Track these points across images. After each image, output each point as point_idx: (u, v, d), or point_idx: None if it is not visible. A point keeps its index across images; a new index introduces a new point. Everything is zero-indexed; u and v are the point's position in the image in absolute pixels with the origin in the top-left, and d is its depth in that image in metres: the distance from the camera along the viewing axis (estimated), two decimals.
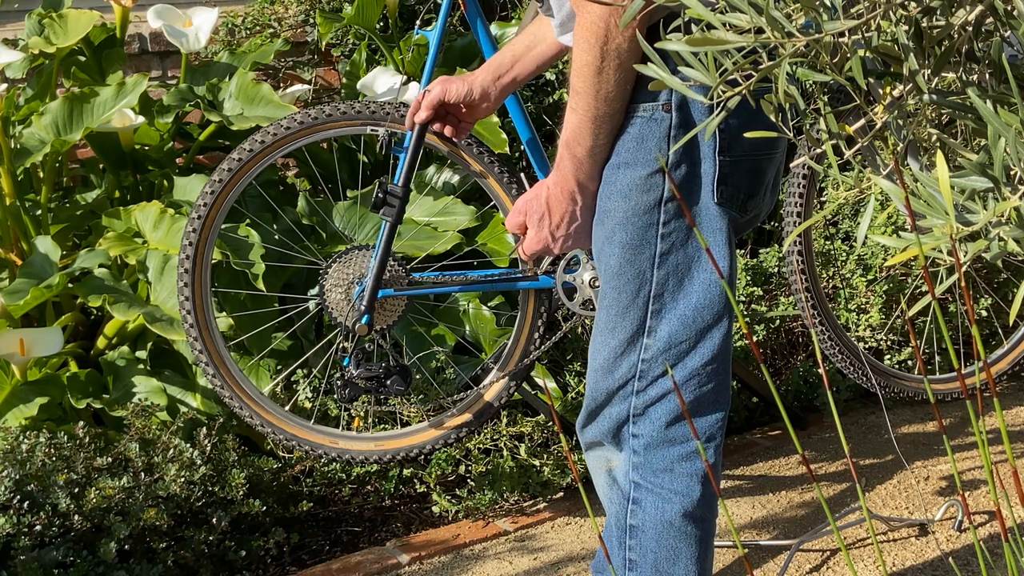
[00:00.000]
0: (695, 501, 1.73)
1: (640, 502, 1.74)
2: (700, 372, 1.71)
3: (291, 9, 3.85)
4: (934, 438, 3.13)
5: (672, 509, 1.73)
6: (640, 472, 1.74)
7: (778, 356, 3.44)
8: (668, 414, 1.72)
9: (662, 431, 1.72)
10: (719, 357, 1.72)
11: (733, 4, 0.98)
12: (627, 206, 1.66)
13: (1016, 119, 0.94)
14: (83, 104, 3.05)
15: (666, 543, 1.74)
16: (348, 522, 2.83)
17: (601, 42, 1.56)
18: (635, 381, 1.72)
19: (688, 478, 1.73)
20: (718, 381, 1.73)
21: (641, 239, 1.67)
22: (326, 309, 2.62)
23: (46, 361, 2.89)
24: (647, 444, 1.73)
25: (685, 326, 1.69)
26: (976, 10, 1.01)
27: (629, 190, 1.66)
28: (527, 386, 2.85)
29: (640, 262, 1.68)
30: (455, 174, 3.30)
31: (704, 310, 1.69)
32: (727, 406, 1.77)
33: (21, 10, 3.53)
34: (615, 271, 1.69)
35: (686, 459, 1.72)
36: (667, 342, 1.69)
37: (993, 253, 0.98)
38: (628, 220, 1.67)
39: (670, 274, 1.68)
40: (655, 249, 1.67)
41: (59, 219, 3.12)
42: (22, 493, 2.39)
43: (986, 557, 1.04)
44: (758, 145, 1.67)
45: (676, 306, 1.68)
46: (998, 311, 3.34)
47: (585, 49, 1.57)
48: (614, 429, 1.75)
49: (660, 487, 1.73)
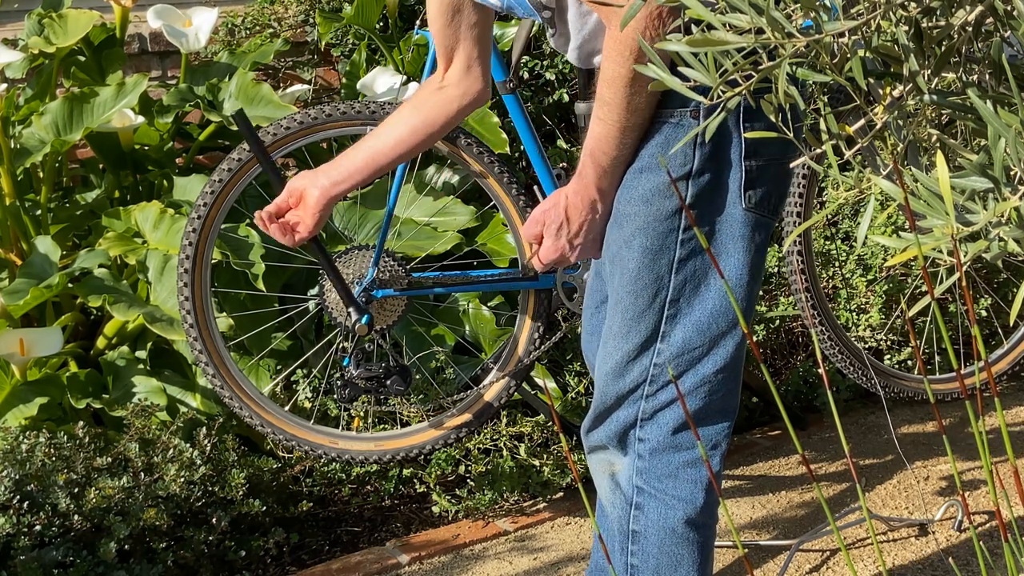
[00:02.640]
0: (698, 508, 1.72)
1: (643, 507, 1.74)
2: (712, 379, 1.70)
3: (291, 9, 3.84)
4: (934, 438, 3.13)
5: (675, 516, 1.72)
6: (644, 477, 1.73)
7: (778, 356, 3.44)
8: (676, 420, 1.71)
9: (669, 436, 1.71)
10: (731, 365, 1.71)
11: (733, 4, 0.98)
12: (648, 211, 1.65)
13: (1016, 119, 0.94)
14: (83, 104, 3.04)
15: (668, 549, 1.73)
16: (348, 522, 2.83)
17: (635, 55, 1.55)
18: (646, 385, 1.71)
19: (692, 484, 1.72)
20: (727, 389, 1.72)
21: (661, 244, 1.66)
22: (326, 309, 2.63)
23: (46, 361, 2.89)
24: (653, 449, 1.72)
25: (700, 332, 1.68)
26: (976, 10, 1.01)
27: (652, 195, 1.65)
28: (527, 386, 2.85)
29: (659, 267, 1.67)
30: (455, 174, 3.30)
31: (720, 317, 1.68)
32: (734, 414, 1.76)
33: (21, 10, 3.52)
34: (633, 275, 1.68)
35: (691, 465, 1.72)
36: (681, 347, 1.68)
37: (993, 253, 0.98)
38: (649, 225, 1.66)
39: (687, 280, 1.67)
40: (674, 255, 1.66)
41: (59, 219, 3.12)
42: (22, 493, 2.39)
43: (986, 557, 1.04)
44: (787, 147, 1.66)
45: (692, 312, 1.67)
46: (998, 311, 3.34)
47: (618, 62, 1.57)
48: (620, 433, 1.75)
49: (664, 493, 1.72)
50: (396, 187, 2.63)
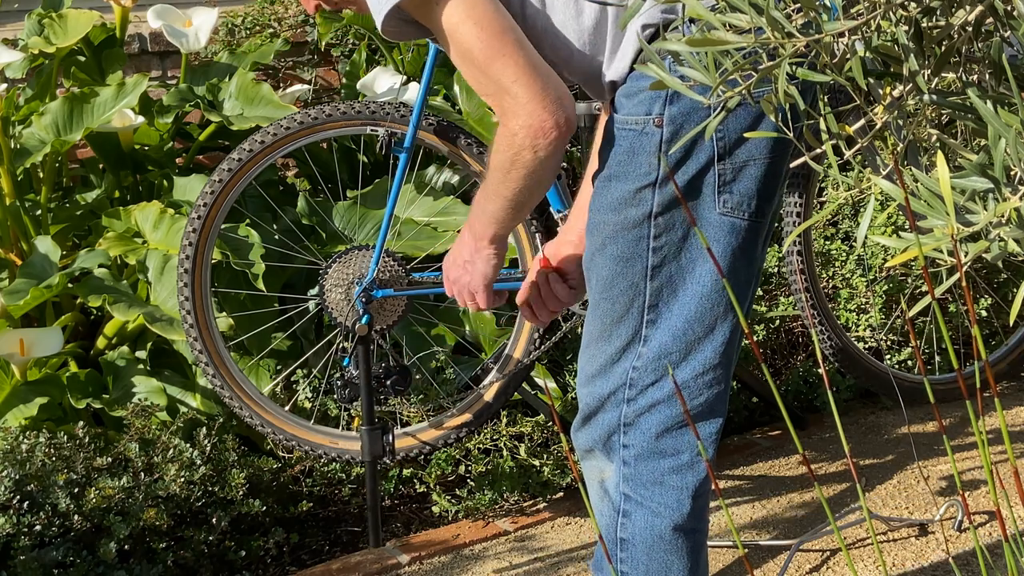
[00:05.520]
0: (685, 515, 1.71)
1: (630, 515, 1.73)
2: (691, 384, 1.69)
3: (291, 9, 3.85)
4: (934, 438, 3.13)
5: (662, 524, 1.71)
6: (630, 484, 1.72)
7: (778, 356, 3.44)
8: (658, 425, 1.69)
9: (652, 442, 1.70)
10: (712, 369, 1.69)
11: (733, 4, 0.98)
12: (617, 219, 1.65)
13: (1016, 119, 0.94)
14: (83, 104, 3.05)
15: (657, 556, 1.72)
16: (348, 522, 2.82)
17: (513, 152, 1.65)
18: (626, 389, 1.70)
19: (679, 492, 1.70)
20: (711, 394, 1.70)
21: (632, 252, 1.65)
22: (326, 309, 2.63)
23: (46, 361, 2.89)
24: (637, 455, 1.71)
25: (676, 338, 1.66)
26: (976, 10, 1.01)
27: (619, 204, 1.65)
28: (527, 386, 2.85)
29: (632, 274, 1.66)
30: (455, 174, 3.30)
31: (695, 323, 1.66)
32: (723, 418, 1.73)
33: (21, 10, 3.53)
34: (607, 282, 1.68)
35: (676, 472, 1.70)
36: (658, 352, 1.67)
37: (994, 254, 0.98)
38: (618, 233, 1.66)
39: (663, 285, 1.66)
40: (647, 263, 1.65)
41: (59, 219, 3.12)
42: (22, 493, 2.39)
43: (986, 557, 1.04)
44: (769, 146, 1.63)
45: (671, 316, 1.66)
46: (998, 311, 3.34)
47: (501, 151, 1.68)
48: (605, 437, 1.74)
49: (650, 501, 1.71)
50: (396, 187, 2.63)
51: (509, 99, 1.61)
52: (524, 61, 1.60)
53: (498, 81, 1.60)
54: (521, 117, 1.60)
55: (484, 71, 1.62)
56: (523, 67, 1.60)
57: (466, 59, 1.63)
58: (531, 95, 1.59)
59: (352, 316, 2.58)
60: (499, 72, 1.60)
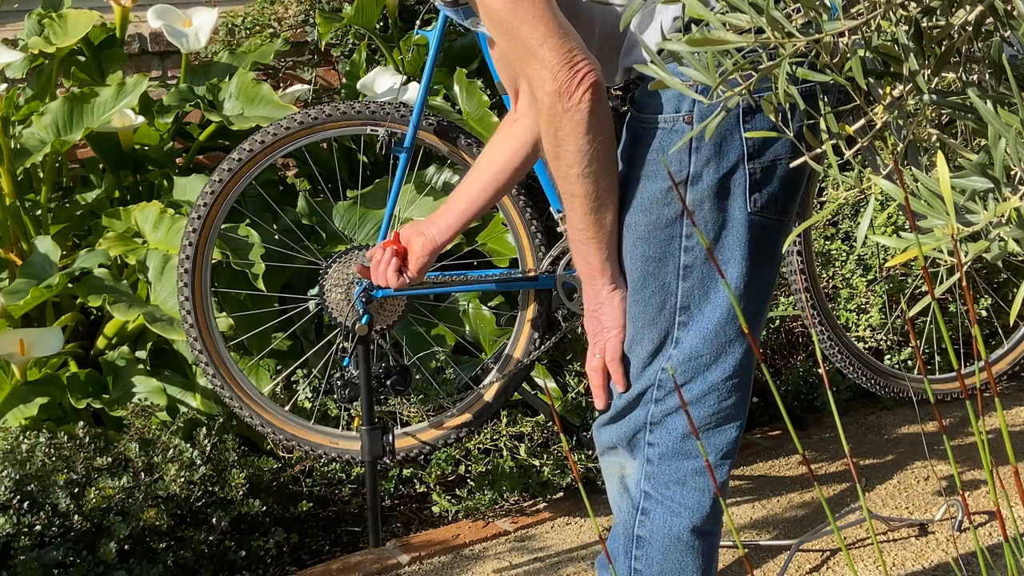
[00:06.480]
0: (704, 517, 1.71)
1: (649, 513, 1.72)
2: (720, 386, 1.68)
3: (291, 9, 3.84)
4: (934, 438, 3.13)
5: (681, 523, 1.71)
6: (652, 483, 1.72)
7: (778, 356, 3.44)
8: (685, 426, 1.68)
9: (678, 442, 1.69)
10: (741, 371, 1.69)
11: (733, 4, 0.98)
12: (648, 220, 1.64)
13: (1016, 119, 0.94)
14: (83, 104, 3.05)
15: (672, 556, 1.72)
16: (348, 522, 2.83)
17: (554, 128, 1.59)
18: (655, 389, 1.69)
19: (700, 493, 1.70)
20: (738, 396, 1.70)
21: (663, 252, 1.64)
22: (326, 309, 2.63)
23: (46, 361, 2.89)
24: (662, 454, 1.71)
25: (706, 340, 1.65)
26: (976, 10, 1.01)
27: (649, 204, 1.63)
28: (527, 386, 2.85)
29: (664, 275, 1.65)
30: (455, 174, 3.30)
31: (728, 324, 1.65)
32: (744, 419, 1.74)
33: (21, 10, 3.53)
34: (639, 284, 1.67)
35: (700, 473, 1.69)
36: (688, 354, 1.67)
37: (994, 254, 0.98)
38: (650, 233, 1.64)
39: (695, 286, 1.65)
40: (678, 262, 1.64)
41: (59, 219, 3.12)
42: (22, 493, 2.39)
43: (986, 557, 1.04)
44: (793, 146, 1.61)
45: (703, 318, 1.65)
46: (998, 311, 3.34)
47: (549, 138, 1.61)
48: (630, 435, 1.73)
49: (671, 500, 1.71)
50: (396, 187, 2.63)
51: (536, 64, 1.57)
52: (554, 25, 1.57)
53: (526, 44, 1.58)
54: (548, 83, 1.56)
55: (513, 35, 1.59)
56: (552, 30, 1.57)
57: (495, 22, 1.61)
58: (557, 57, 1.56)
59: (352, 316, 2.58)
60: (528, 35, 1.57)
